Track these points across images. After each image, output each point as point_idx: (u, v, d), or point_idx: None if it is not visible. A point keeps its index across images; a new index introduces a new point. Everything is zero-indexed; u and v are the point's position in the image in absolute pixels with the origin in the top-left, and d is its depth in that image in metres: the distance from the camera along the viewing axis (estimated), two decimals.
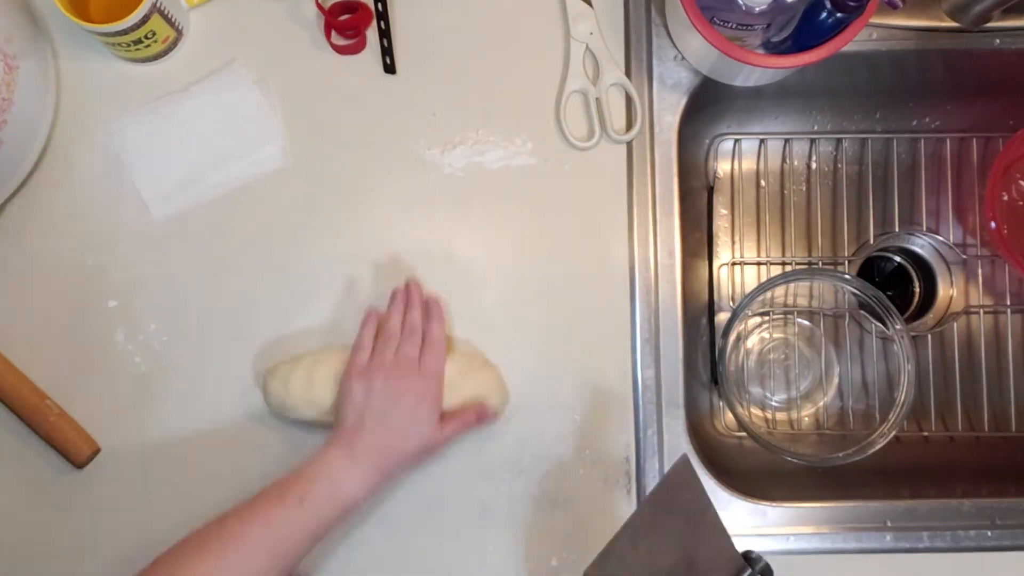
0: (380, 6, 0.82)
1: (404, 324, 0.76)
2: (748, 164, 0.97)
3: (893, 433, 0.82)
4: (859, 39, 0.76)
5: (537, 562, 0.78)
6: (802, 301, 0.96)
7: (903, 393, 0.83)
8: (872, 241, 0.96)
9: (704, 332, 0.95)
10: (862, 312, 0.94)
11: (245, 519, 0.67)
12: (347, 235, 0.81)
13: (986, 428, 0.92)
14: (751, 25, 0.75)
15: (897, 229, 0.96)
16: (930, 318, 0.97)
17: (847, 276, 0.87)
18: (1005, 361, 0.93)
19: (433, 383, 0.73)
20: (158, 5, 0.75)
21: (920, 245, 0.97)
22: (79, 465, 0.77)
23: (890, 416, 0.84)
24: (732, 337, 0.86)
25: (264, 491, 0.69)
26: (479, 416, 0.75)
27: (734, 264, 0.95)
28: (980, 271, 0.94)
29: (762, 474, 0.87)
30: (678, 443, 0.80)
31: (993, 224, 0.85)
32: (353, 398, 0.72)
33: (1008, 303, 0.94)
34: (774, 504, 0.79)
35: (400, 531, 0.78)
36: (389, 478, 0.72)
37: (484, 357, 0.79)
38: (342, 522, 0.70)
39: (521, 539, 0.78)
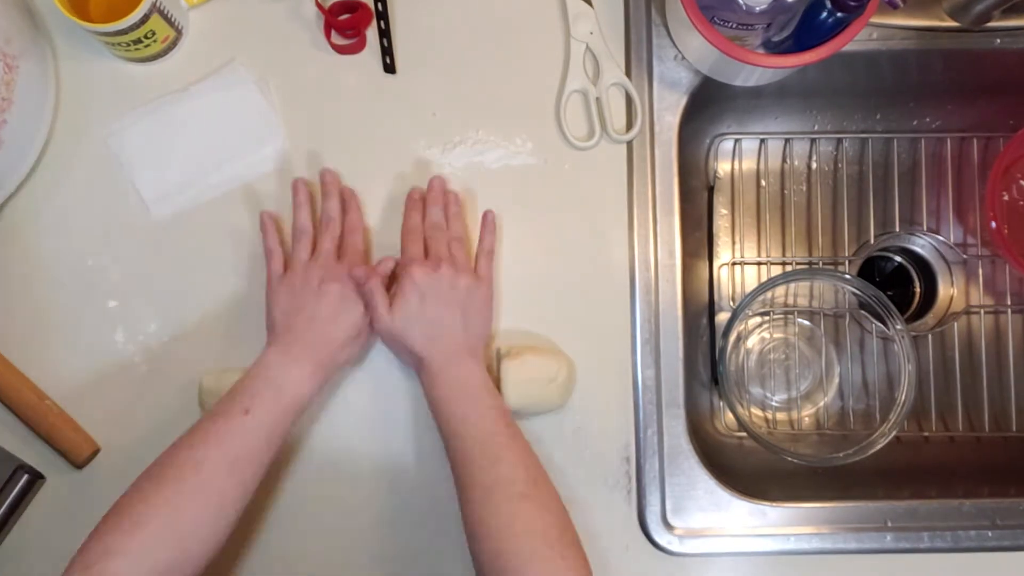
0: (380, 6, 0.82)
1: (322, 218, 0.77)
2: (748, 164, 0.97)
3: (893, 433, 0.82)
4: (859, 39, 0.76)
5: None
6: (802, 301, 0.96)
7: (903, 393, 0.83)
8: (872, 241, 0.96)
9: (704, 332, 0.95)
10: (862, 312, 0.94)
11: (194, 443, 0.66)
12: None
13: (987, 428, 0.92)
14: (751, 25, 0.75)
15: (897, 229, 0.96)
16: (930, 318, 0.97)
17: (847, 276, 0.87)
18: (1006, 361, 0.93)
19: (351, 273, 0.73)
20: (158, 5, 0.75)
21: (921, 245, 0.97)
22: (79, 465, 0.77)
23: (890, 416, 0.84)
24: (732, 337, 0.85)
25: (209, 412, 0.69)
26: (384, 272, 0.75)
27: (734, 264, 0.95)
28: (980, 271, 0.94)
29: (762, 474, 0.87)
30: (678, 443, 0.80)
31: (994, 224, 0.85)
32: (278, 303, 0.73)
33: (1009, 303, 0.94)
34: (774, 504, 0.79)
35: (400, 531, 0.78)
36: (333, 369, 0.73)
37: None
38: (294, 422, 0.70)
39: None
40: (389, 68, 0.82)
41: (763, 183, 0.97)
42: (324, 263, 0.74)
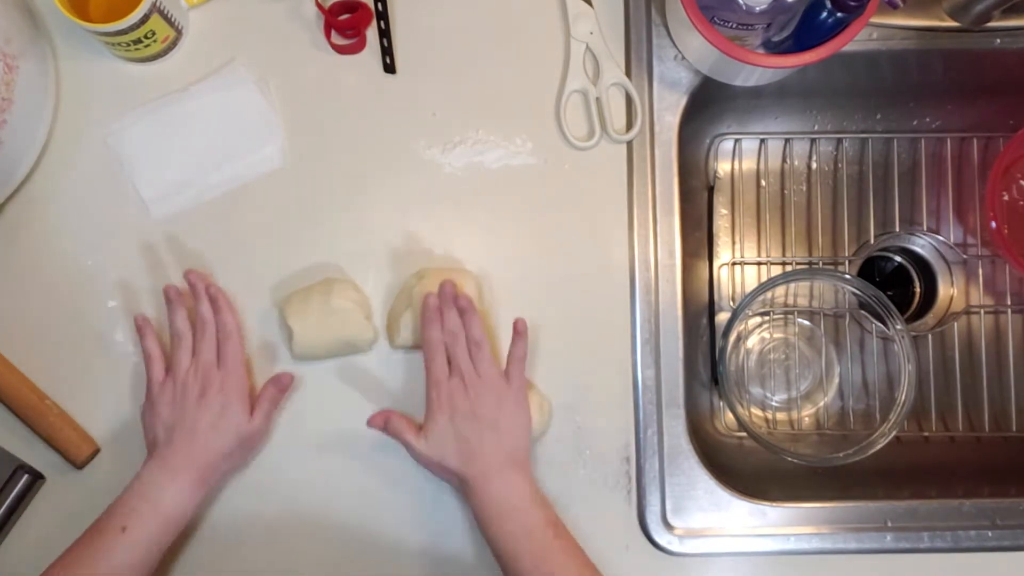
0: (380, 6, 0.82)
1: (196, 321, 0.75)
2: (748, 164, 0.97)
3: (893, 433, 0.82)
4: (859, 39, 0.76)
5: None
6: (802, 301, 0.96)
7: (903, 393, 0.83)
8: (872, 241, 0.96)
9: (704, 332, 0.95)
10: (862, 312, 0.94)
11: (69, 563, 0.66)
12: (347, 235, 0.81)
13: (986, 428, 0.92)
14: (751, 25, 0.75)
15: (897, 229, 0.96)
16: (930, 318, 0.97)
17: (847, 276, 0.87)
18: (1006, 361, 0.93)
19: (234, 377, 0.72)
20: (158, 5, 0.75)
21: (920, 245, 0.97)
22: (79, 465, 0.77)
23: (890, 416, 0.84)
24: (732, 337, 0.85)
25: (87, 530, 0.68)
26: (277, 387, 0.75)
27: (734, 264, 0.95)
28: (980, 271, 0.94)
29: (762, 474, 0.87)
30: (678, 443, 0.80)
31: (994, 224, 0.85)
32: (159, 415, 0.72)
33: (1009, 303, 0.94)
34: (774, 504, 0.79)
35: (400, 530, 0.78)
36: (213, 482, 0.73)
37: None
38: (173, 537, 0.70)
39: None
40: (389, 68, 0.82)
41: (763, 183, 0.97)
42: (204, 372, 0.72)
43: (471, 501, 0.71)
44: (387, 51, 0.82)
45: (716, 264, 0.96)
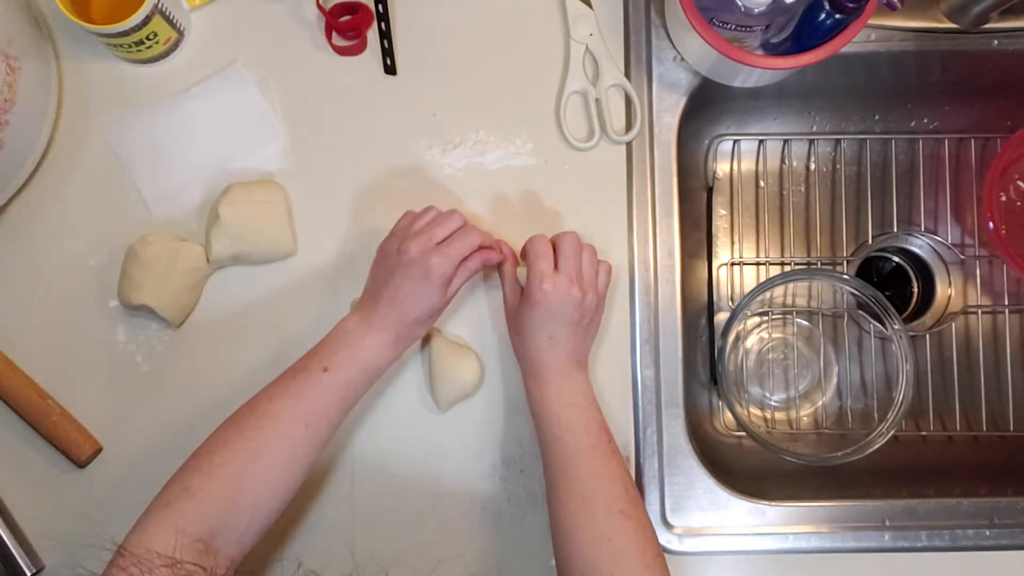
0: (381, 7, 0.82)
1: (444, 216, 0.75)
2: (747, 164, 0.97)
3: (891, 433, 0.82)
4: (858, 40, 0.76)
5: (537, 562, 0.78)
6: (801, 301, 0.96)
7: (901, 393, 0.84)
8: (871, 241, 0.96)
9: (703, 332, 0.95)
10: (861, 312, 0.94)
11: (273, 395, 0.69)
12: (347, 235, 0.81)
13: (984, 428, 0.92)
14: (750, 26, 0.75)
15: (895, 229, 0.96)
16: (928, 318, 0.97)
17: (846, 276, 0.87)
18: (1003, 361, 0.93)
19: (446, 259, 0.72)
20: (160, 6, 0.75)
21: (918, 245, 0.98)
22: (81, 464, 0.78)
23: (888, 416, 0.84)
24: (731, 337, 0.86)
25: (289, 368, 0.70)
26: (484, 260, 0.76)
27: (733, 264, 0.96)
28: (978, 271, 0.94)
29: (761, 474, 0.88)
30: (677, 443, 0.80)
31: (991, 224, 0.85)
32: (375, 266, 0.75)
33: (1006, 303, 0.94)
34: (773, 503, 0.80)
35: (401, 530, 0.78)
36: (407, 341, 0.74)
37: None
38: (367, 386, 0.72)
39: (521, 539, 0.78)
40: (390, 69, 0.83)
41: (762, 184, 0.97)
42: (424, 239, 0.72)
43: (532, 385, 0.74)
44: (388, 52, 0.82)
45: (715, 264, 0.96)
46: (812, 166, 0.97)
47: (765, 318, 0.96)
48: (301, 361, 0.71)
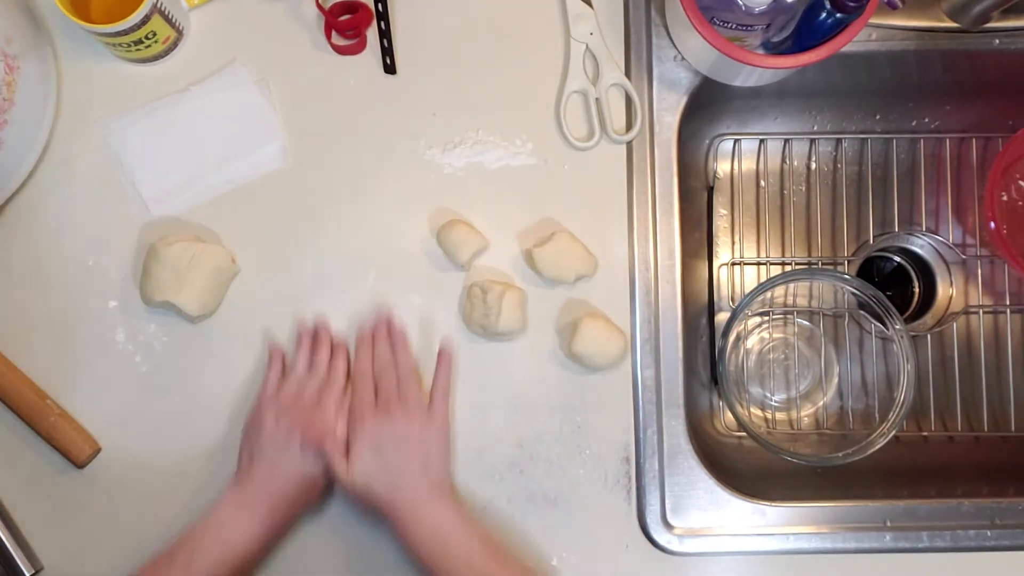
0: (380, 6, 0.82)
1: (310, 364, 0.76)
2: (748, 164, 0.97)
3: (893, 433, 0.82)
4: (859, 39, 0.76)
5: (537, 562, 0.78)
6: (802, 301, 0.96)
7: (902, 393, 0.84)
8: (872, 241, 0.96)
9: (704, 332, 0.95)
10: (862, 312, 0.94)
11: None
12: (347, 235, 0.81)
13: (985, 428, 0.92)
14: (751, 25, 0.75)
15: (897, 229, 0.96)
16: (929, 318, 0.97)
17: (847, 276, 0.87)
18: (1004, 361, 0.93)
19: (326, 419, 0.72)
20: (159, 5, 0.75)
21: (920, 245, 0.98)
22: (79, 465, 0.77)
23: (889, 416, 0.84)
24: (732, 337, 0.86)
25: (157, 558, 0.69)
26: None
27: (734, 264, 0.95)
28: (979, 271, 0.94)
29: (762, 474, 0.87)
30: (678, 443, 0.80)
31: (992, 224, 0.85)
32: (248, 436, 0.74)
33: (1007, 303, 0.94)
34: (774, 504, 0.80)
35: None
36: (282, 525, 0.72)
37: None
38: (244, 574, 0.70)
39: (521, 539, 0.78)
40: (389, 69, 0.82)
41: (762, 183, 0.97)
42: (302, 408, 0.73)
43: (402, 534, 0.70)
44: (387, 52, 0.82)
45: (716, 264, 0.96)
46: (813, 166, 0.97)
47: (766, 318, 0.96)
48: (170, 550, 0.69)
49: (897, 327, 0.85)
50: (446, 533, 0.70)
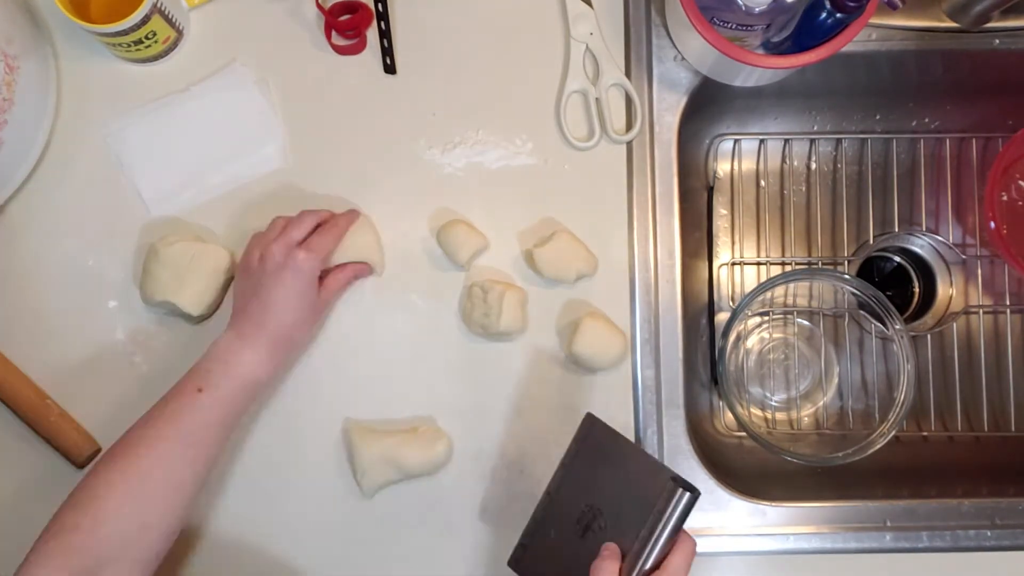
0: (380, 6, 0.82)
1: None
2: (748, 164, 0.97)
3: (893, 433, 0.82)
4: (859, 39, 0.76)
5: None
6: (802, 301, 0.96)
7: (903, 393, 0.84)
8: (872, 241, 0.96)
9: (704, 332, 0.95)
10: (862, 312, 0.94)
11: (146, 422, 0.69)
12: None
13: (985, 428, 0.92)
14: (751, 25, 0.75)
15: (897, 229, 0.96)
16: (929, 318, 0.97)
17: (847, 276, 0.87)
18: (1004, 361, 0.93)
19: (311, 254, 0.72)
20: (158, 5, 0.75)
21: (920, 245, 0.98)
22: (79, 465, 0.77)
23: (890, 416, 0.84)
24: (732, 337, 0.86)
25: (166, 394, 0.70)
26: (357, 273, 0.78)
27: (734, 264, 0.95)
28: (980, 271, 0.94)
29: (762, 474, 0.87)
30: (678, 443, 0.80)
31: (992, 224, 0.85)
32: (239, 283, 0.75)
33: (1007, 303, 0.94)
34: (774, 504, 0.79)
35: (401, 531, 0.78)
36: (285, 350, 0.74)
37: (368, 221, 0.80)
38: (249, 402, 0.72)
39: None
40: (389, 68, 0.82)
41: (762, 183, 0.97)
42: (284, 245, 0.73)
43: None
44: (387, 52, 0.82)
45: (716, 264, 0.96)
46: (813, 166, 0.97)
47: (766, 318, 0.96)
48: (179, 383, 0.70)
49: (897, 327, 0.85)
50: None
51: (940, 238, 0.96)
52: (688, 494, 0.63)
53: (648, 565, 0.63)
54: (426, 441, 0.77)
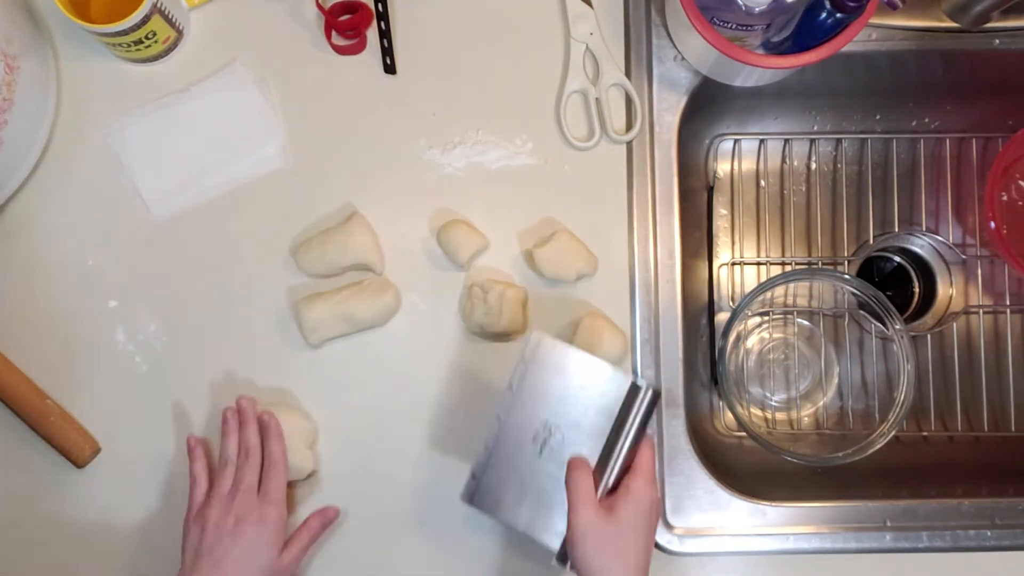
0: (380, 6, 0.82)
1: (240, 447, 0.74)
2: (748, 164, 0.97)
3: (893, 433, 0.82)
4: (859, 39, 0.76)
5: (537, 562, 0.78)
6: (802, 301, 0.96)
7: (903, 393, 0.84)
8: (872, 241, 0.96)
9: (704, 332, 0.95)
10: (862, 312, 0.94)
11: None
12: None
13: (985, 428, 0.92)
14: (751, 25, 0.75)
15: (897, 229, 0.96)
16: (929, 318, 0.97)
17: (847, 276, 0.87)
18: (1004, 361, 0.93)
19: (274, 509, 0.71)
20: (158, 5, 0.75)
21: (920, 245, 0.98)
22: (80, 465, 0.77)
23: (890, 416, 0.84)
24: (732, 337, 0.86)
25: None
26: (322, 521, 0.75)
27: (734, 264, 0.95)
28: (979, 271, 0.94)
29: (762, 474, 0.87)
30: (678, 443, 0.80)
31: (992, 224, 0.85)
32: (189, 538, 0.71)
33: (1007, 303, 0.94)
34: (774, 504, 0.79)
35: (400, 532, 0.78)
36: None
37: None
38: None
39: (522, 540, 0.78)
40: (389, 68, 0.82)
41: (762, 183, 0.97)
42: (243, 500, 0.71)
43: None
44: (387, 52, 0.82)
45: (716, 264, 0.96)
46: (813, 166, 0.97)
47: (766, 318, 0.96)
48: None
49: (897, 327, 0.85)
50: None
51: (940, 238, 0.96)
52: (652, 390, 0.66)
53: (618, 467, 0.65)
54: (374, 291, 0.77)
